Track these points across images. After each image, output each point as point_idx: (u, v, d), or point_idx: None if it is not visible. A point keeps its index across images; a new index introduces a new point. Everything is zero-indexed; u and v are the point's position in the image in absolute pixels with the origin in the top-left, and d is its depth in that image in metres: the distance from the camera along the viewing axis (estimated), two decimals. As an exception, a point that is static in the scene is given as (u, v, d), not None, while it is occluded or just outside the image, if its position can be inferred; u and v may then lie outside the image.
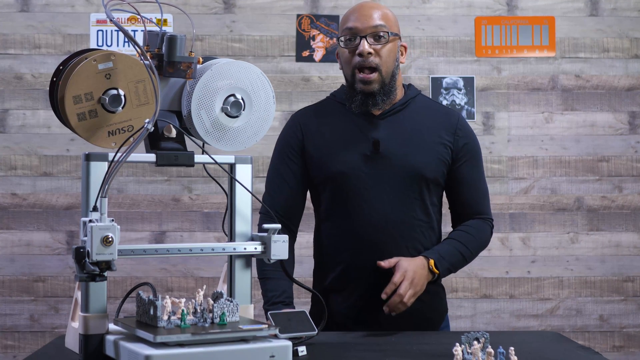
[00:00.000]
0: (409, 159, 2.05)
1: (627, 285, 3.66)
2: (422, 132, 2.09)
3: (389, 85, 2.07)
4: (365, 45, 2.01)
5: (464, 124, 2.15)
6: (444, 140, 2.10)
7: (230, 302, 1.47)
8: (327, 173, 2.07)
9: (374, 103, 2.06)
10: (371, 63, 2.03)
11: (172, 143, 1.54)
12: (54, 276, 3.56)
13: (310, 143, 2.11)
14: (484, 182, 2.18)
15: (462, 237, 2.09)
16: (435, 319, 2.13)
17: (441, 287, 2.17)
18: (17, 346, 3.55)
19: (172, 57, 1.52)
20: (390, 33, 2.05)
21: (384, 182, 2.04)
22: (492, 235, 2.18)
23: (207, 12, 3.61)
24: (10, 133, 3.57)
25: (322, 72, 3.61)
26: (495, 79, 3.66)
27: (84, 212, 1.44)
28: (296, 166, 2.12)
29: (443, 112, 2.16)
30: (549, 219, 3.65)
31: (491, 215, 2.18)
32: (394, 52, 2.07)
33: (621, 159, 3.67)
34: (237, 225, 1.60)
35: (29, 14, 3.58)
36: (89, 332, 1.45)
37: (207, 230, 3.58)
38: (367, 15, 2.04)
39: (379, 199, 2.04)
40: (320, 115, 2.15)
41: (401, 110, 2.11)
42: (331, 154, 2.07)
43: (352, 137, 2.08)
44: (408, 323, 2.02)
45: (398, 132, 2.08)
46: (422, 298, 2.00)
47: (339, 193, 2.07)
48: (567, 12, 3.69)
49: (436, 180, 2.08)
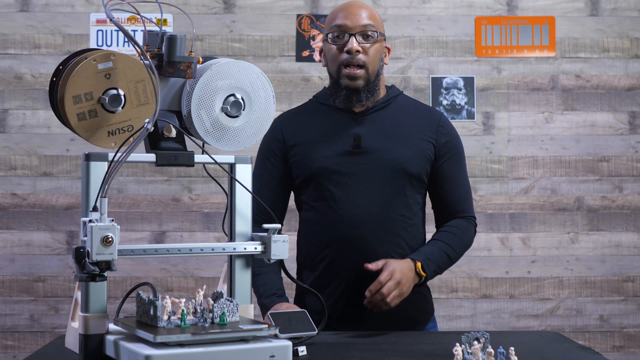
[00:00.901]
0: (392, 153, 2.05)
1: (627, 286, 3.66)
2: (405, 129, 2.09)
3: (373, 83, 2.09)
4: (354, 43, 2.04)
5: (446, 121, 2.16)
6: (427, 137, 2.10)
7: (230, 302, 1.47)
8: (309, 170, 2.08)
9: (358, 99, 2.07)
10: (359, 61, 2.05)
11: (172, 143, 1.54)
12: (54, 276, 3.56)
13: (292, 143, 2.12)
14: (466, 180, 2.17)
15: (448, 238, 2.09)
16: (421, 319, 2.13)
17: (426, 288, 2.16)
18: (17, 346, 3.55)
19: (172, 57, 1.52)
20: (378, 33, 2.08)
21: (365, 177, 2.05)
22: (475, 234, 2.18)
23: (207, 12, 3.61)
24: (10, 133, 3.57)
25: (322, 72, 3.61)
26: (495, 79, 3.66)
27: (84, 212, 1.44)
28: (276, 169, 2.13)
29: (425, 110, 2.17)
30: (549, 219, 3.65)
31: (474, 213, 2.18)
32: (380, 52, 2.10)
33: (621, 159, 3.67)
34: (237, 225, 1.60)
35: (29, 14, 3.58)
36: (89, 332, 1.45)
37: (207, 230, 3.58)
38: (357, 14, 2.06)
39: (361, 194, 2.04)
40: (301, 116, 2.17)
41: (383, 108, 2.12)
42: (313, 151, 2.08)
43: (334, 134, 2.08)
44: (393, 322, 2.02)
45: (380, 128, 2.08)
46: (407, 298, 1.99)
47: (321, 189, 2.07)
48: (567, 12, 3.69)
49: (419, 177, 2.08)
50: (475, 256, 3.62)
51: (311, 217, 2.11)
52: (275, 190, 2.13)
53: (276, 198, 2.13)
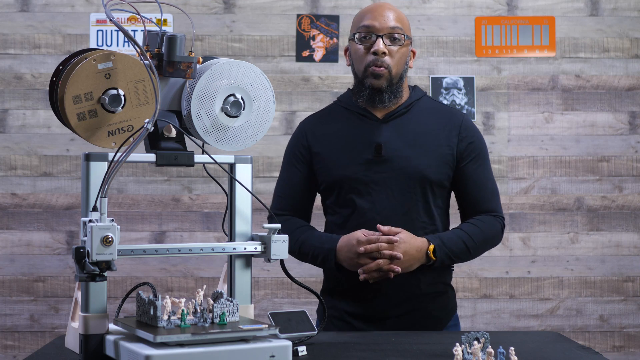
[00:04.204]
0: (412, 161, 2.07)
1: (627, 285, 3.66)
2: (426, 135, 2.11)
3: (396, 85, 2.10)
4: (381, 45, 2.06)
5: (468, 123, 2.16)
6: (449, 142, 2.11)
7: (230, 302, 1.47)
8: (331, 178, 2.12)
9: (381, 100, 2.09)
10: (384, 63, 2.07)
11: (172, 143, 1.54)
12: (54, 276, 3.56)
13: (317, 149, 2.15)
14: (492, 180, 2.18)
15: (469, 228, 2.09)
16: (442, 318, 2.15)
17: (450, 287, 2.19)
18: (17, 346, 3.55)
19: (172, 57, 1.52)
20: (405, 36, 2.10)
21: (386, 185, 2.07)
22: (503, 232, 2.17)
23: (207, 12, 3.61)
24: (10, 133, 3.57)
25: (322, 72, 3.61)
26: (495, 79, 3.66)
27: (84, 212, 1.44)
28: (301, 173, 2.17)
29: (447, 113, 2.17)
30: (549, 219, 3.65)
31: (502, 213, 2.17)
32: (405, 56, 2.12)
33: (621, 159, 3.67)
34: (237, 225, 1.60)
35: (29, 14, 3.58)
36: (89, 332, 1.45)
37: (207, 230, 3.58)
38: (385, 15, 2.09)
39: (381, 202, 2.07)
40: (325, 121, 2.19)
41: (405, 113, 2.14)
42: (335, 159, 2.11)
43: (355, 142, 2.10)
44: (414, 321, 2.06)
45: (401, 136, 2.10)
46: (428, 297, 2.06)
47: (343, 197, 2.11)
48: (567, 12, 3.69)
49: (440, 183, 2.10)
50: (475, 256, 3.62)
51: (335, 222, 2.15)
52: (302, 191, 2.18)
53: (302, 198, 2.19)
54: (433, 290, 2.11)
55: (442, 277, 2.14)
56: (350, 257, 2.00)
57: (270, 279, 3.56)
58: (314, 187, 2.19)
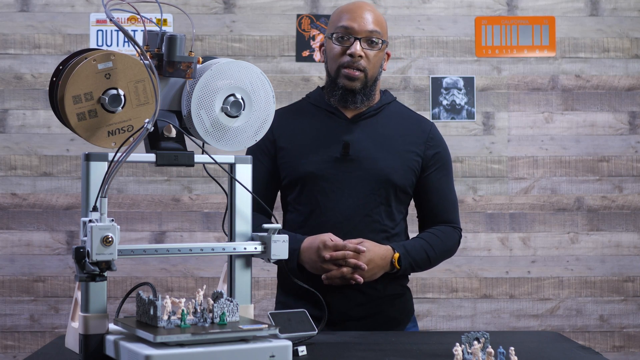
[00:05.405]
0: (378, 163, 2.06)
1: (627, 285, 3.66)
2: (394, 139, 2.10)
3: (370, 88, 2.09)
4: (358, 47, 2.04)
5: (435, 133, 2.17)
6: (415, 148, 2.11)
7: (230, 302, 1.47)
8: (296, 174, 2.09)
9: (353, 100, 2.08)
10: (359, 65, 2.05)
11: (172, 143, 1.54)
12: (54, 276, 3.56)
13: (282, 143, 2.12)
14: (453, 192, 2.18)
15: (430, 238, 2.10)
16: (401, 319, 2.15)
17: (407, 289, 2.18)
18: (17, 346, 3.55)
19: (172, 57, 1.52)
20: (382, 41, 2.08)
21: (351, 185, 2.05)
22: (459, 244, 2.18)
23: (207, 12, 3.61)
24: (10, 133, 3.57)
25: (322, 72, 3.61)
26: (495, 79, 3.66)
27: (84, 212, 1.44)
28: (264, 167, 2.13)
29: (416, 120, 2.17)
30: (549, 219, 3.65)
31: (460, 224, 2.18)
32: (380, 59, 2.11)
33: (621, 159, 3.67)
34: (237, 225, 1.60)
35: (29, 14, 3.58)
36: (89, 332, 1.45)
37: (207, 230, 3.58)
38: (365, 17, 2.06)
39: (344, 202, 2.05)
40: (293, 116, 2.16)
41: (375, 115, 2.13)
42: (301, 155, 2.09)
43: (323, 139, 2.09)
44: (373, 322, 2.06)
45: (369, 136, 2.09)
46: (387, 299, 2.07)
47: (306, 194, 2.08)
48: (567, 12, 3.69)
49: (404, 189, 2.09)
50: (475, 256, 3.62)
51: (295, 219, 2.11)
52: (264, 188, 2.13)
53: (265, 196, 2.13)
54: (392, 292, 2.10)
55: (400, 280, 2.13)
56: (314, 260, 1.97)
57: (270, 279, 3.56)
58: (277, 182, 2.15)
